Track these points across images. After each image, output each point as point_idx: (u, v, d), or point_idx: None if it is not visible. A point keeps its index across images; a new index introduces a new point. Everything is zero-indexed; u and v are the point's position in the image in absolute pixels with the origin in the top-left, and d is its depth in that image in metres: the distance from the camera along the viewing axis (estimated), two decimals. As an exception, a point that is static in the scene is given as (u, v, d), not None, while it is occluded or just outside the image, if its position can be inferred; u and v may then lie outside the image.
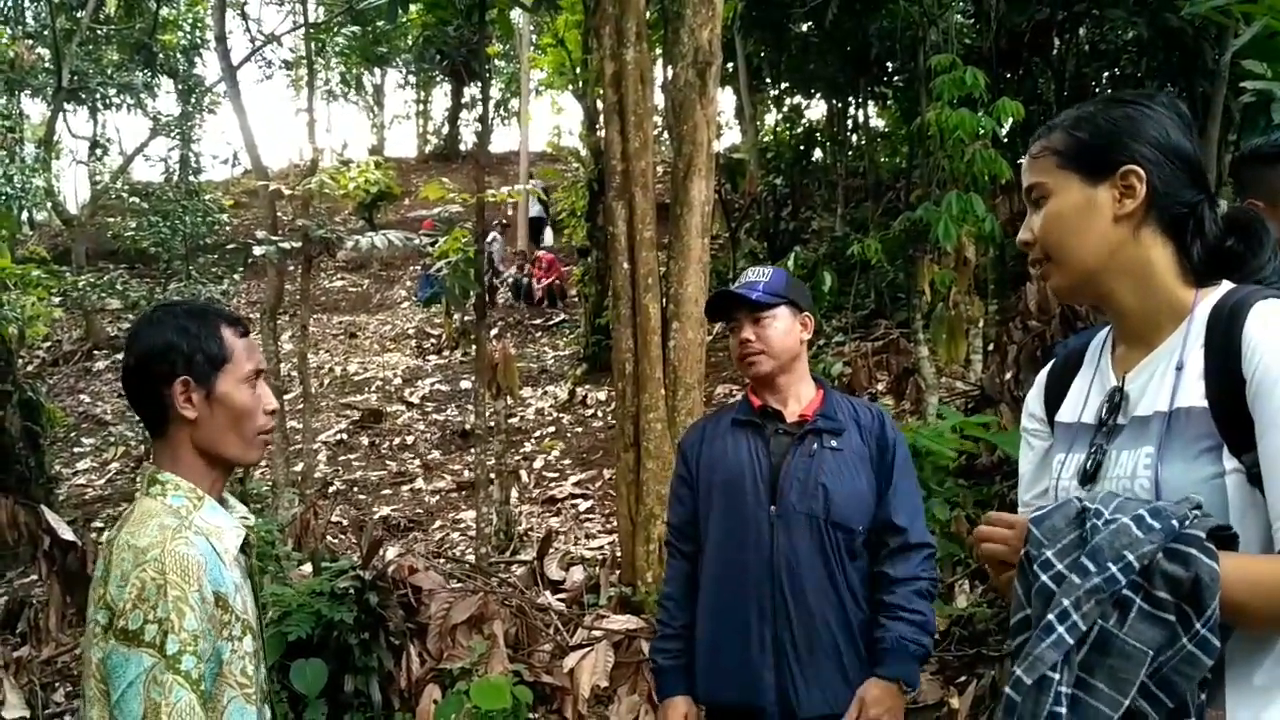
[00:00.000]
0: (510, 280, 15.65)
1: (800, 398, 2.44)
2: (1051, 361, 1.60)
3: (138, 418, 1.67)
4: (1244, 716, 1.20)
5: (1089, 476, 1.36)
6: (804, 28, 11.50)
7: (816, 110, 14.07)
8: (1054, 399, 1.53)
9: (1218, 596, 1.09)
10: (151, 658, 1.44)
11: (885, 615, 2.30)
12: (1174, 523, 1.15)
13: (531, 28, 17.98)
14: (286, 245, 6.78)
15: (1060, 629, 1.14)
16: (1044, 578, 1.18)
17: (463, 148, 25.26)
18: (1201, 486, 1.22)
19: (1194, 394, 1.27)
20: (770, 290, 2.40)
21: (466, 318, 11.90)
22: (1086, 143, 1.37)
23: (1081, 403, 1.45)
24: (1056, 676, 1.13)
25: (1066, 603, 1.14)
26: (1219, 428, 1.24)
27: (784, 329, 2.40)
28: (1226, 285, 1.34)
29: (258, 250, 6.56)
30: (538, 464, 8.92)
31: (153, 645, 1.44)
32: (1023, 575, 1.22)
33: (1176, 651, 1.09)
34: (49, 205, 14.98)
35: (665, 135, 9.78)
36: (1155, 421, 1.30)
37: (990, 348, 6.94)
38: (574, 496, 7.98)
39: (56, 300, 10.46)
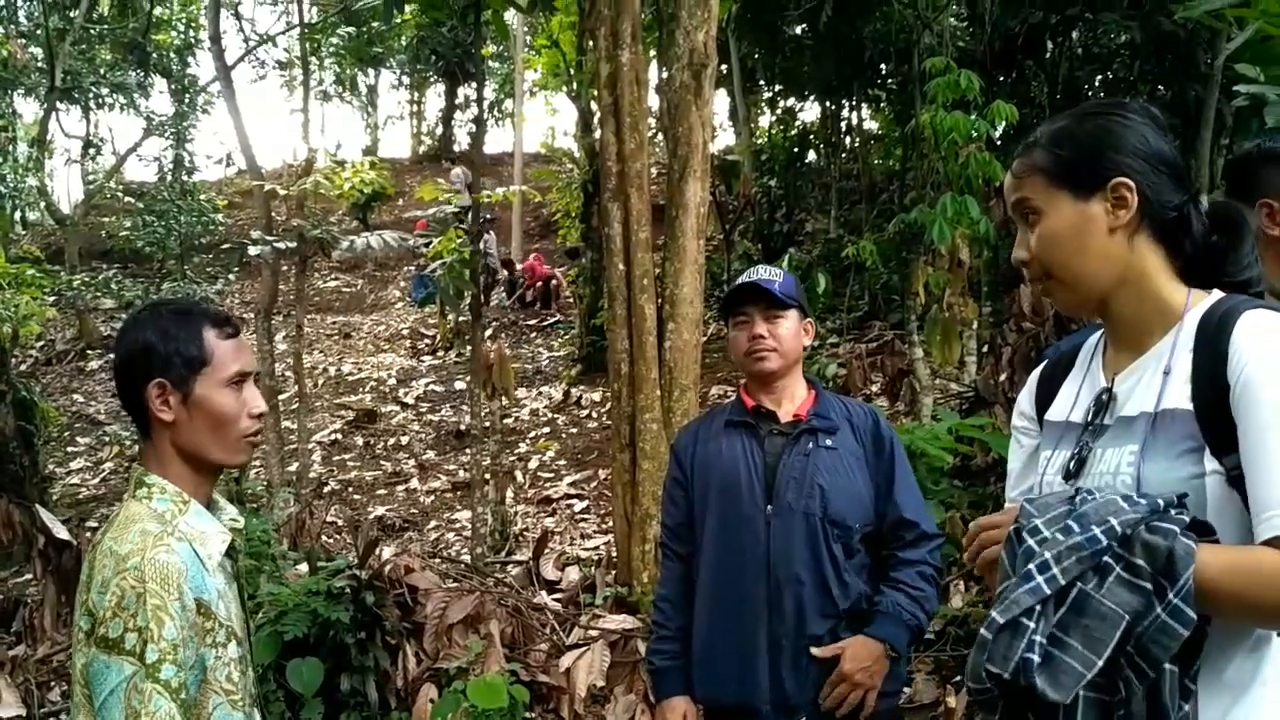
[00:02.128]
0: (505, 281, 15.65)
1: (794, 398, 2.46)
2: (1044, 362, 1.62)
3: (131, 417, 1.66)
4: (1214, 712, 1.23)
5: (1072, 473, 1.39)
6: (798, 30, 11.54)
7: (811, 112, 14.10)
8: (1045, 398, 1.56)
9: (1191, 568, 1.12)
10: (132, 666, 1.44)
11: (886, 585, 2.34)
12: (1159, 501, 1.20)
13: (526, 29, 17.99)
14: (281, 245, 6.77)
15: (1039, 578, 1.17)
16: (1030, 542, 1.21)
17: (457, 149, 25.20)
18: (1182, 485, 1.25)
19: (1180, 397, 1.30)
20: (785, 291, 2.43)
21: (461, 318, 11.90)
22: (1072, 160, 1.38)
23: (1071, 402, 1.48)
24: (1031, 625, 1.16)
25: (1048, 555, 1.18)
26: (1202, 430, 1.26)
27: (794, 330, 2.44)
28: (1218, 294, 1.36)
29: (252, 250, 6.55)
30: (533, 464, 8.92)
31: (133, 654, 1.44)
32: (1010, 547, 1.25)
33: (1152, 620, 1.13)
34: (42, 205, 14.93)
35: (660, 137, 9.77)
36: (1141, 421, 1.33)
37: (984, 349, 6.97)
38: (569, 497, 7.99)
39: (50, 299, 10.44)
